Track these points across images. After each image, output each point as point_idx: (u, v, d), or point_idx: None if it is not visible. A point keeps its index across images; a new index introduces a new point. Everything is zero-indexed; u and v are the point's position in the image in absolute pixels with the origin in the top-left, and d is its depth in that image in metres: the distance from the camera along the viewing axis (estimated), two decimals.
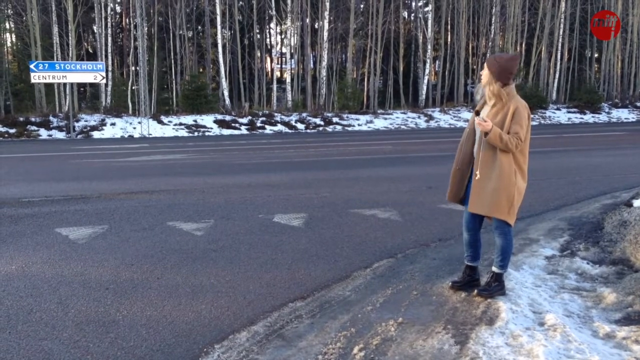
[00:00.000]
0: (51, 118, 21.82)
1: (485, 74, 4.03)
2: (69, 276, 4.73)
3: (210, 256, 5.27)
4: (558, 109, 33.10)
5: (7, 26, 29.39)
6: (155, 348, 3.45)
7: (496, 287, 4.17)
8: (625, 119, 31.40)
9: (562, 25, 34.68)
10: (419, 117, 28.66)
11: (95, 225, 6.43)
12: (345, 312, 3.95)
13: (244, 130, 22.25)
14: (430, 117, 28.80)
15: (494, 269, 4.21)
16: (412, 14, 37.20)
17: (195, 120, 22.68)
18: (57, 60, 24.65)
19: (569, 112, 32.51)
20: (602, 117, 31.90)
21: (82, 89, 31.82)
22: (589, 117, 31.59)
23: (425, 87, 32.42)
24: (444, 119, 28.36)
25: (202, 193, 8.42)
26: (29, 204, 7.60)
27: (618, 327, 3.57)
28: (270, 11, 30.66)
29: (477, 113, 4.12)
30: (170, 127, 21.78)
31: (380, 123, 26.66)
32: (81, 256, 5.28)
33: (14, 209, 7.32)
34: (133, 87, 26.64)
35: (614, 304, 3.95)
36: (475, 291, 4.21)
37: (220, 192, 8.51)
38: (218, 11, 27.82)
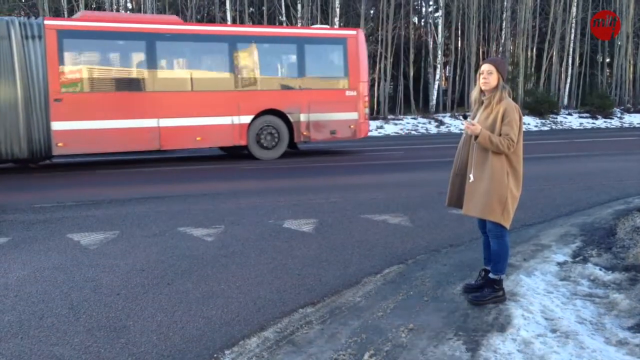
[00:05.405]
0: None
1: (495, 77, 4.01)
2: (80, 281, 4.76)
3: (220, 262, 5.29)
4: (570, 114, 32.94)
5: None
6: (166, 354, 3.46)
7: (488, 294, 4.09)
8: (638, 124, 31.18)
9: (573, 30, 34.56)
10: (429, 123, 28.62)
11: (106, 230, 6.47)
12: (355, 318, 3.94)
13: None
14: (441, 123, 28.74)
15: (490, 274, 4.17)
16: (423, 20, 37.18)
17: None
18: None
19: (580, 117, 32.35)
20: (614, 122, 31.73)
21: None
22: (600, 122, 31.41)
23: (435, 93, 32.34)
24: (454, 124, 28.27)
25: (212, 199, 8.45)
26: (41, 210, 7.66)
27: (631, 334, 3.54)
28: (280, 17, 30.80)
29: (465, 117, 4.10)
30: None
31: (390, 128, 26.65)
32: (92, 262, 5.31)
33: (26, 214, 7.38)
34: None
35: (627, 310, 3.91)
36: (470, 297, 4.18)
37: (230, 197, 8.53)
38: (229, 17, 28.02)
